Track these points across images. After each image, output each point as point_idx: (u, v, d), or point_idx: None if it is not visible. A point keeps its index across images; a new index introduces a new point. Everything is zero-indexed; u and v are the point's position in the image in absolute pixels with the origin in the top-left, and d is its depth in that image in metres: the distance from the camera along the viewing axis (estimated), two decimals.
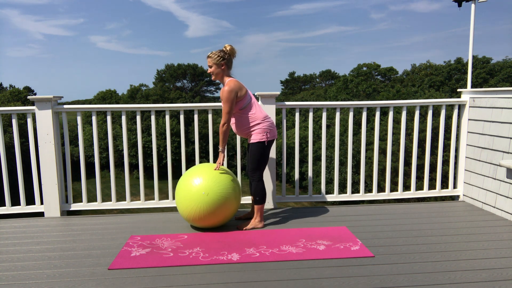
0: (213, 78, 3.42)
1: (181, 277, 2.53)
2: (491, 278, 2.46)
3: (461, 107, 4.24)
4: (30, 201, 3.94)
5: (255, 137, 3.39)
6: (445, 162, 6.98)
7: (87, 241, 3.19)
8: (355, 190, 4.62)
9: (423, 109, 5.49)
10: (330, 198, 4.22)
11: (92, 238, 3.27)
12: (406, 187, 4.57)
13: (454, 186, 4.35)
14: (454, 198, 4.38)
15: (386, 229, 3.38)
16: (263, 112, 3.44)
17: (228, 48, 3.40)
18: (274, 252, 2.89)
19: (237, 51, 3.44)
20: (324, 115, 4.08)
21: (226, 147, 3.42)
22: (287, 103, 4.04)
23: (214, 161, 4.03)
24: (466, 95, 4.18)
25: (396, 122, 18.96)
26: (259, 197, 3.44)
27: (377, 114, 4.12)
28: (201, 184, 3.22)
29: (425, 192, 4.31)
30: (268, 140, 3.40)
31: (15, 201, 3.91)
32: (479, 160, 3.96)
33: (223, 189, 3.24)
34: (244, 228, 3.41)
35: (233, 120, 3.46)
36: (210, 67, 3.38)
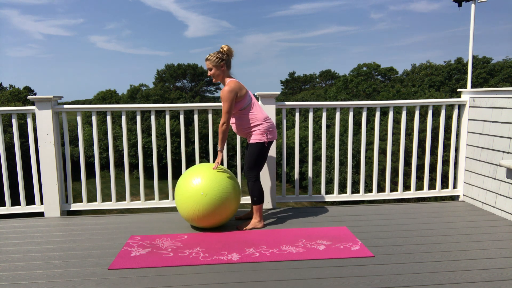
0: (213, 80, 3.42)
1: (181, 277, 2.53)
2: (491, 278, 2.46)
3: (461, 107, 4.24)
4: (30, 201, 3.94)
5: (255, 137, 3.39)
6: (445, 162, 6.99)
7: (87, 241, 3.19)
8: (355, 190, 4.62)
9: (423, 109, 5.49)
10: (330, 198, 4.22)
11: (92, 238, 3.27)
12: (406, 187, 4.57)
13: (454, 186, 4.35)
14: (454, 198, 4.38)
15: (386, 229, 3.38)
16: (263, 113, 3.44)
17: (225, 49, 3.39)
18: (274, 252, 2.89)
19: (234, 51, 3.43)
20: (324, 115, 4.08)
21: (225, 146, 3.42)
22: (287, 103, 4.05)
23: (214, 161, 4.03)
24: (466, 95, 4.18)
25: (396, 122, 18.96)
26: (257, 197, 3.44)
27: (377, 114, 4.12)
28: (200, 184, 3.23)
29: (425, 192, 4.31)
30: (268, 141, 3.41)
31: (15, 201, 3.91)
32: (479, 160, 3.96)
33: (222, 189, 3.24)
34: (244, 228, 3.41)
35: (233, 120, 3.46)
36: (210, 69, 3.37)
